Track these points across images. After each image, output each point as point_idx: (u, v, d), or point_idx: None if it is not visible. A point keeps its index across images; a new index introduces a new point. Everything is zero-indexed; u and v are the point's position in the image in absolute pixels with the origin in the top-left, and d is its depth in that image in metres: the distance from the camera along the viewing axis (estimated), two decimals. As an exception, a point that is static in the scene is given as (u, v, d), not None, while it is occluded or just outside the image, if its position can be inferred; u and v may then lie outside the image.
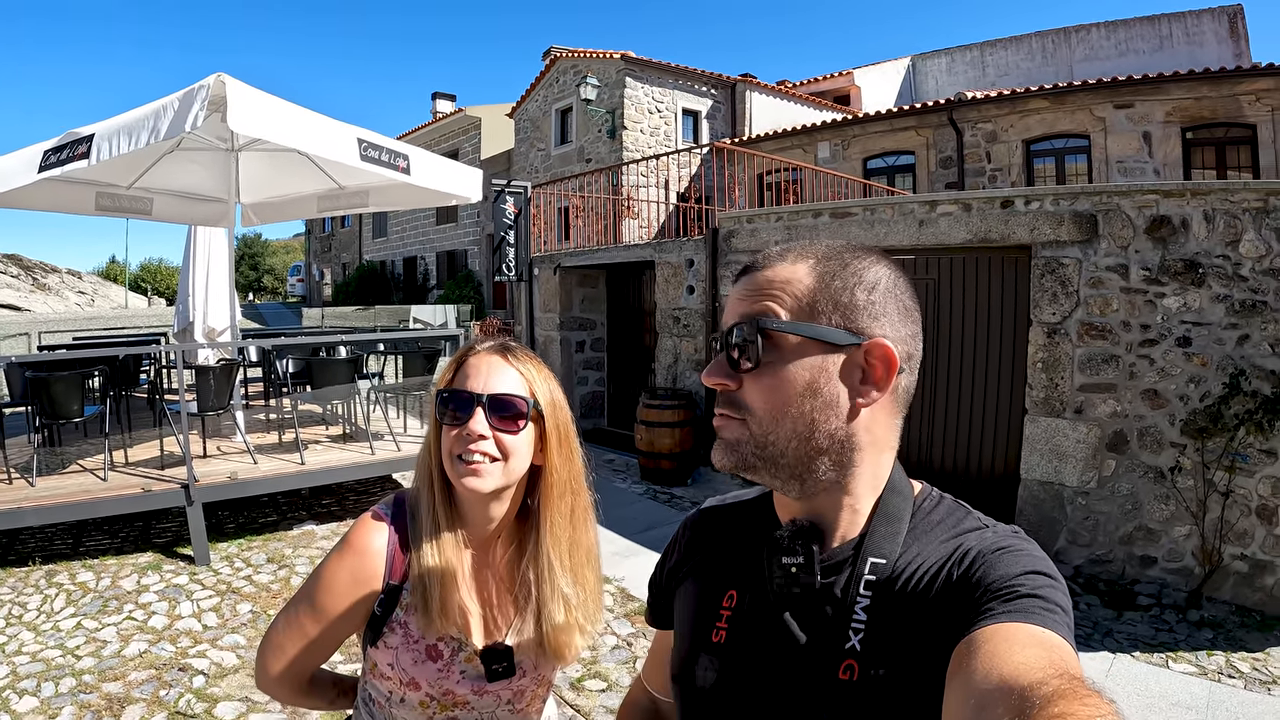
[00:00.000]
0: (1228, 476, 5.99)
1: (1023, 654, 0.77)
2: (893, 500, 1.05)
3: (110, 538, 7.12)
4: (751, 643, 1.08)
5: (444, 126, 32.43)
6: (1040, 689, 0.70)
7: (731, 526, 1.26)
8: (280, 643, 1.55)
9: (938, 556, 0.99)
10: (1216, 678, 4.96)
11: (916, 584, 0.97)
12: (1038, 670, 0.73)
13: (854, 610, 0.98)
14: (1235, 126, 14.51)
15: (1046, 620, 0.83)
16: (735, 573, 1.17)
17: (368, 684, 1.60)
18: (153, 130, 5.23)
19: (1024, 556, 0.93)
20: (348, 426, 9.03)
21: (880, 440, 1.05)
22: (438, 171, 7.15)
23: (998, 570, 0.91)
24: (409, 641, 1.50)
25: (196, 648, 5.05)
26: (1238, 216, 5.96)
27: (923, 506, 1.08)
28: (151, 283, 60.94)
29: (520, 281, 13.59)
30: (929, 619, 0.93)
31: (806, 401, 0.99)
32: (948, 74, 25.36)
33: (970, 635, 0.84)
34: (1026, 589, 0.87)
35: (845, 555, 1.04)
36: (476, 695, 1.53)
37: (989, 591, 0.89)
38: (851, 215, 8.35)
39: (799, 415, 0.99)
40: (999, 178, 16.83)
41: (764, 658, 1.05)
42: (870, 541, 1.02)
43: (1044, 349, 6.78)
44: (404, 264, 36.47)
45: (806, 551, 1.02)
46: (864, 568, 1.00)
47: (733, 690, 1.08)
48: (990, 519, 1.06)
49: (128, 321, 27.25)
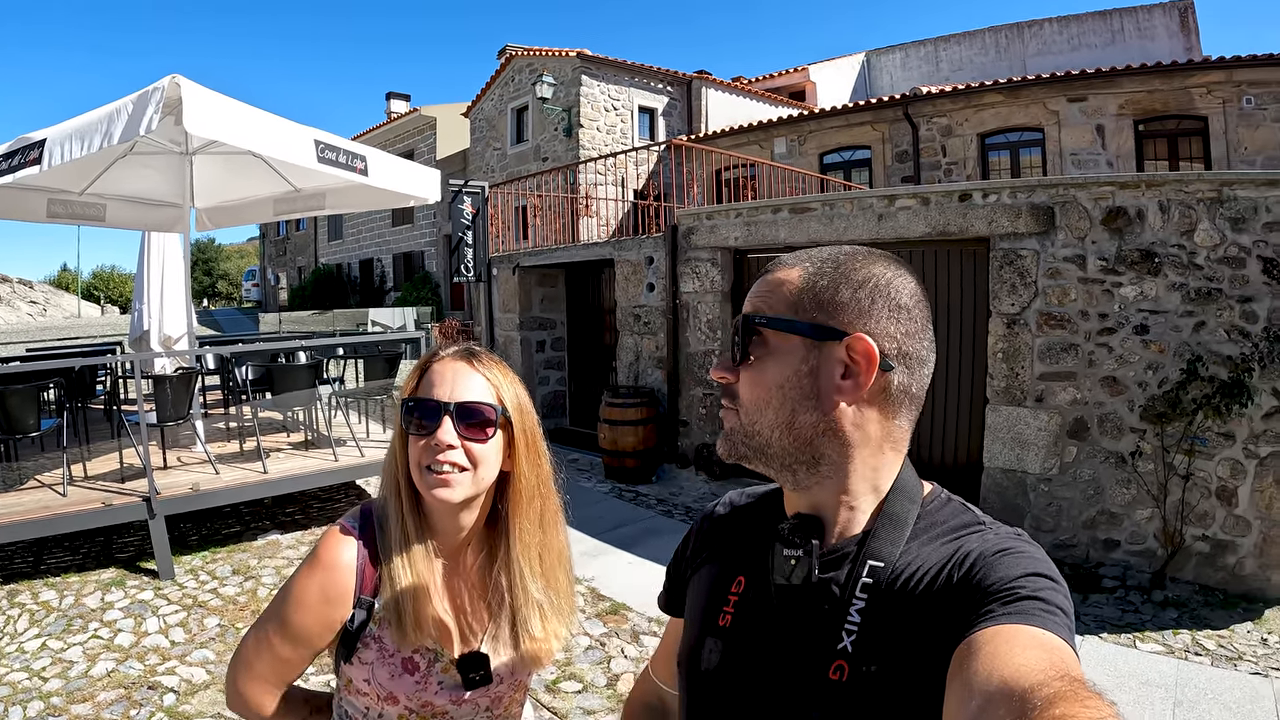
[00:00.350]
0: (1187, 460, 6.09)
1: (1023, 656, 0.77)
2: (898, 502, 1.06)
3: (72, 554, 6.95)
4: (753, 629, 1.09)
5: (399, 127, 32.23)
6: (1041, 691, 0.70)
7: (748, 517, 1.28)
8: (250, 661, 1.52)
9: (938, 558, 0.99)
10: (1184, 655, 5.06)
11: (915, 586, 0.97)
12: (1038, 672, 0.73)
13: (849, 612, 0.99)
14: (1187, 119, 14.76)
15: (1047, 622, 0.83)
16: (746, 560, 1.18)
17: (343, 700, 1.56)
18: (106, 134, 5.14)
19: (1025, 559, 0.93)
20: (310, 433, 8.92)
21: (873, 438, 1.05)
22: (395, 172, 7.09)
23: (998, 572, 0.91)
24: (384, 655, 1.47)
25: (165, 665, 4.95)
26: (1192, 207, 6.06)
27: (929, 509, 1.09)
28: (105, 291, 60.11)
29: (479, 282, 13.51)
30: (926, 621, 0.93)
31: (785, 393, 1.03)
32: (902, 69, 25.58)
33: (970, 637, 0.84)
34: (1027, 591, 0.87)
35: (845, 552, 1.04)
36: (455, 705, 1.51)
37: (989, 593, 0.89)
38: (811, 210, 8.39)
39: (780, 406, 1.03)
40: (954, 171, 17.00)
41: (763, 646, 1.07)
42: (872, 544, 1.03)
43: (1004, 339, 6.86)
44: (360, 266, 36.19)
45: (806, 544, 1.03)
46: (862, 570, 1.01)
47: (734, 674, 1.09)
48: (993, 520, 1.07)
49: (82, 331, 26.92)
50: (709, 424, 9.56)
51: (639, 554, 6.99)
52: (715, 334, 9.40)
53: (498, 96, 25.19)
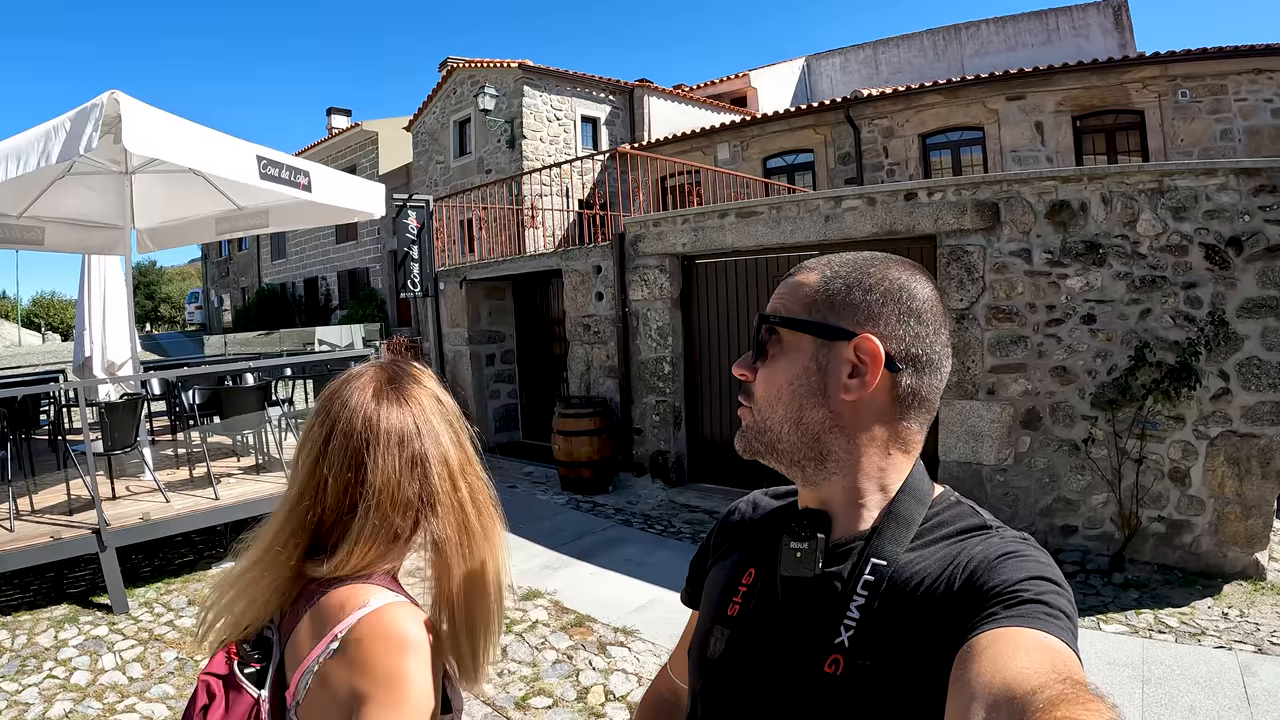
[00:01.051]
0: (1139, 444, 6.20)
1: (1026, 659, 0.78)
2: (905, 502, 1.07)
3: (22, 591, 6.73)
4: (758, 620, 1.11)
5: (340, 142, 31.92)
6: (1043, 694, 0.70)
7: (768, 513, 1.30)
8: None
9: (941, 560, 1.00)
10: (1148, 634, 5.15)
11: (917, 587, 0.98)
12: (1040, 675, 0.74)
13: (849, 607, 1.00)
14: (1124, 113, 15.03)
15: (1049, 626, 0.84)
16: (758, 553, 1.21)
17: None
18: (44, 154, 5.02)
19: (1029, 562, 0.94)
20: (260, 457, 8.75)
21: (879, 438, 1.07)
22: (340, 188, 7.01)
23: (1001, 575, 0.92)
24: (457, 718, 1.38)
25: (124, 702, 4.81)
26: (1134, 198, 6.17)
27: (937, 510, 1.10)
28: (46, 318, 58.80)
29: (426, 297, 13.42)
30: (927, 622, 0.94)
31: (795, 389, 1.07)
32: (842, 73, 25.79)
33: (972, 640, 0.85)
34: (1030, 594, 0.88)
35: (850, 548, 1.06)
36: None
37: (992, 596, 0.90)
38: (757, 214, 8.42)
39: (789, 402, 1.07)
40: (897, 171, 17.15)
41: (766, 636, 1.08)
42: (876, 542, 1.04)
43: (954, 335, 6.90)
44: (305, 285, 35.78)
45: (812, 538, 1.05)
46: (865, 566, 1.02)
47: (738, 662, 1.10)
48: (1000, 523, 1.08)
49: (22, 360, 26.40)
50: (663, 431, 9.54)
51: (600, 564, 6.95)
52: (666, 341, 9.39)
53: (440, 109, 25.04)
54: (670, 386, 9.44)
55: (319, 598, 1.27)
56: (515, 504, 9.15)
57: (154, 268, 75.56)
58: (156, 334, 49.45)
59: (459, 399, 1.38)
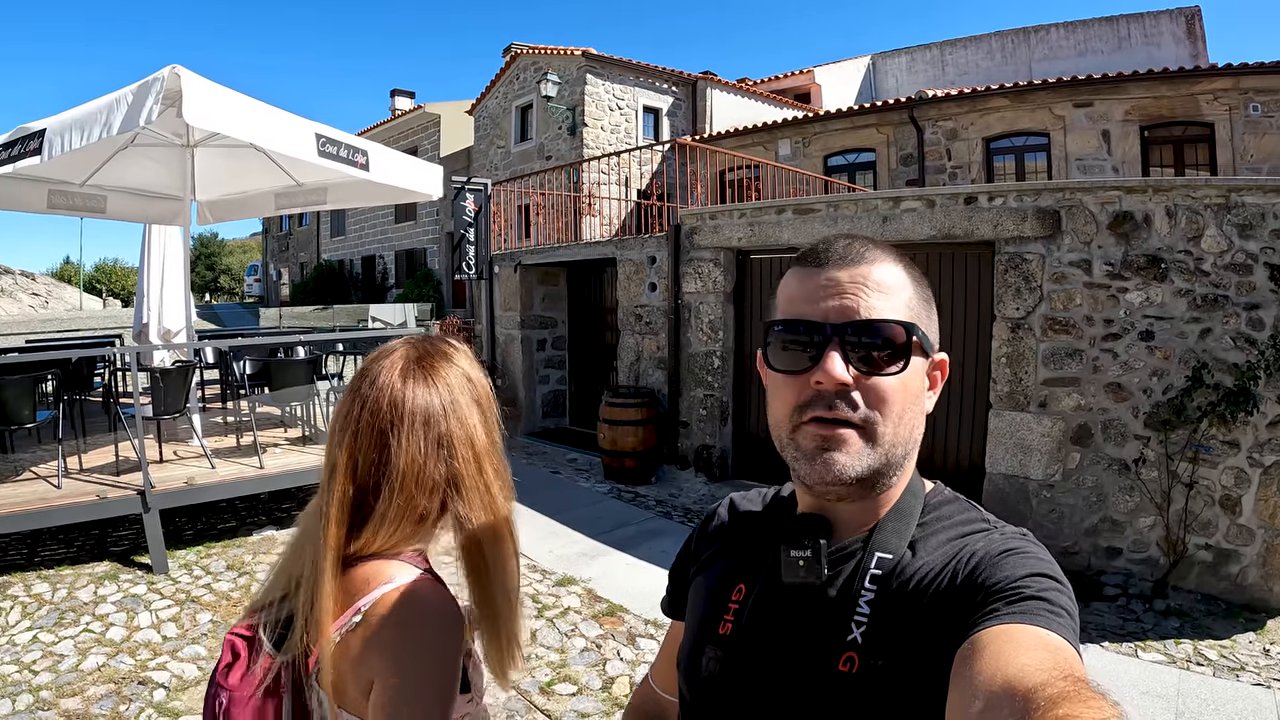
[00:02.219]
0: (1191, 468, 6.05)
1: (1027, 656, 0.78)
2: (905, 498, 1.08)
3: (66, 547, 6.93)
4: (756, 635, 1.08)
5: (403, 124, 32.20)
6: (1045, 691, 0.70)
7: (750, 520, 1.28)
8: None
9: (944, 555, 1.00)
10: (1185, 666, 5.02)
11: (921, 581, 0.98)
12: (1042, 672, 0.73)
13: (858, 604, 1.00)
14: (1193, 125, 14.69)
15: (1051, 623, 0.84)
16: (746, 566, 1.18)
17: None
18: (106, 125, 5.11)
19: (1030, 559, 0.95)
20: (307, 429, 8.89)
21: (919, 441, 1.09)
22: (397, 168, 7.06)
23: (1003, 571, 0.92)
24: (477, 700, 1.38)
25: (156, 660, 4.91)
26: (1199, 212, 6.02)
27: (932, 504, 1.10)
28: (107, 284, 60.12)
29: (480, 280, 13.50)
30: (932, 616, 0.94)
31: (916, 400, 1.05)
32: (908, 73, 25.52)
33: (974, 636, 0.85)
34: (1031, 591, 0.89)
35: (854, 548, 1.05)
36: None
37: (993, 593, 0.90)
38: (815, 212, 8.35)
39: (914, 415, 1.05)
40: (959, 175, 16.94)
41: (767, 649, 1.06)
42: (878, 536, 1.04)
43: (1008, 344, 6.81)
44: (362, 263, 36.17)
45: (815, 545, 1.04)
46: (870, 562, 1.02)
47: (735, 681, 1.08)
48: (998, 520, 1.08)
49: (83, 324, 26.96)
50: (709, 425, 9.51)
51: (637, 555, 6.94)
52: (717, 335, 9.36)
53: (502, 94, 25.14)
54: (719, 381, 9.40)
55: (347, 571, 1.29)
56: (556, 490, 9.20)
57: (215, 239, 76.89)
58: (215, 304, 50.22)
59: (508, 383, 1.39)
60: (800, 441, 1.02)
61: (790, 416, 1.02)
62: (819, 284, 1.03)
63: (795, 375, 1.02)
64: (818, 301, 1.02)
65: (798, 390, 1.02)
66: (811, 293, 1.04)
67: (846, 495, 1.02)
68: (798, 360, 1.02)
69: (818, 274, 1.04)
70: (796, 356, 1.02)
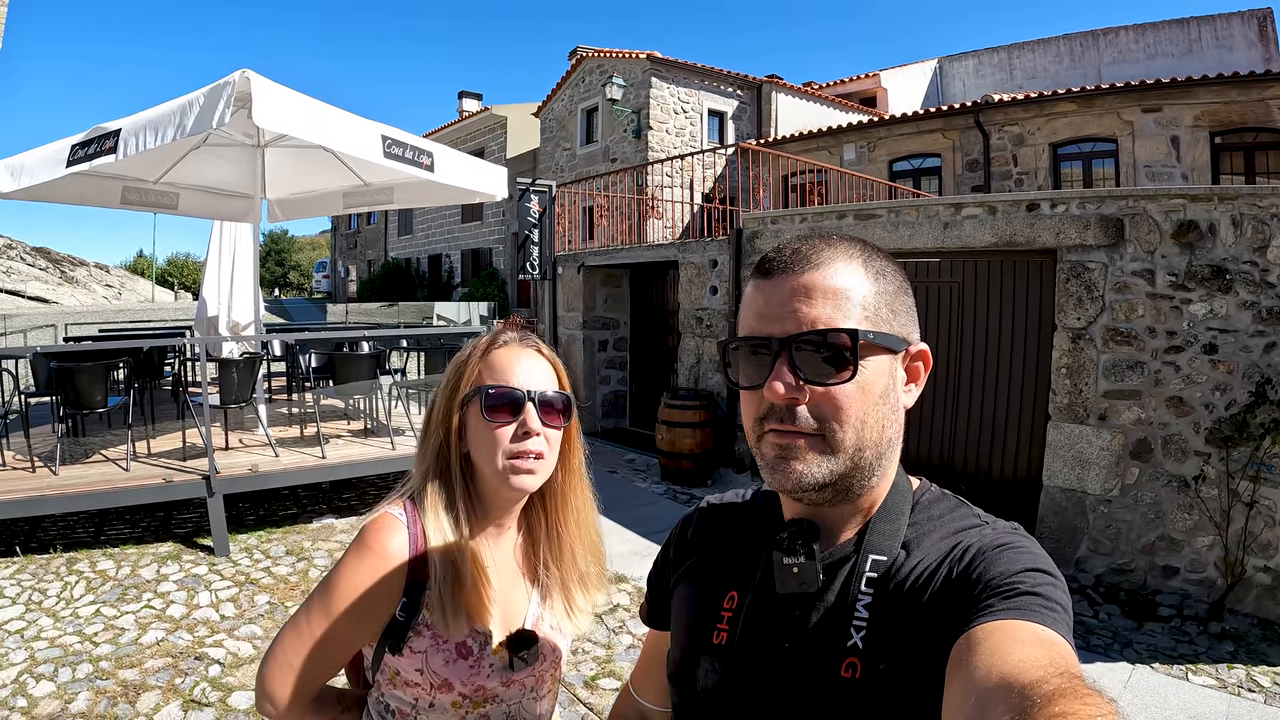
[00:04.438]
0: (1252, 487, 5.90)
1: (1023, 652, 0.77)
2: (893, 497, 1.07)
3: (131, 527, 7.20)
4: (753, 644, 1.08)
5: (470, 125, 32.52)
6: (1041, 687, 0.70)
7: (732, 526, 1.27)
8: (288, 660, 1.43)
9: (938, 553, 1.00)
10: (1237, 691, 4.89)
11: (916, 580, 0.98)
12: (1038, 668, 0.73)
13: (856, 608, 0.99)
14: (1265, 131, 14.33)
15: (1046, 618, 0.84)
16: (736, 573, 1.17)
17: (385, 695, 1.50)
18: (179, 126, 5.29)
19: (1024, 554, 0.94)
20: (369, 422, 9.05)
21: (898, 439, 1.07)
22: (462, 169, 7.18)
23: (997, 567, 0.92)
24: (438, 642, 1.44)
25: (213, 637, 5.09)
26: (1266, 222, 5.88)
27: (921, 502, 1.09)
28: (178, 277, 61.42)
29: (544, 280, 13.61)
30: (931, 615, 0.93)
31: (880, 404, 1.01)
32: (975, 76, 25.23)
33: (970, 632, 0.85)
34: (1026, 586, 0.88)
35: (846, 552, 1.05)
36: (505, 687, 1.49)
37: (988, 588, 0.89)
38: (876, 217, 8.31)
39: (876, 420, 1.01)
40: (1025, 181, 16.70)
41: (766, 659, 1.05)
42: (871, 538, 1.03)
43: (1068, 354, 6.72)
44: (429, 261, 36.60)
45: (808, 551, 1.03)
46: (865, 565, 1.02)
47: (735, 692, 1.07)
48: (989, 515, 1.07)
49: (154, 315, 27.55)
50: (766, 430, 9.45)
51: (689, 558, 6.93)
52: (774, 340, 9.31)
53: (568, 97, 25.29)
54: (775, 387, 9.34)
55: None
56: (613, 489, 9.23)
57: (285, 236, 78.24)
58: (284, 299, 51.07)
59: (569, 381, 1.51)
60: (763, 450, 1.03)
61: (754, 428, 1.04)
62: (767, 296, 1.03)
63: (753, 390, 1.03)
64: (765, 315, 1.03)
65: (757, 403, 1.03)
66: (761, 307, 1.04)
67: (820, 500, 1.03)
68: (755, 375, 1.02)
69: (767, 285, 1.04)
70: (753, 371, 1.03)
